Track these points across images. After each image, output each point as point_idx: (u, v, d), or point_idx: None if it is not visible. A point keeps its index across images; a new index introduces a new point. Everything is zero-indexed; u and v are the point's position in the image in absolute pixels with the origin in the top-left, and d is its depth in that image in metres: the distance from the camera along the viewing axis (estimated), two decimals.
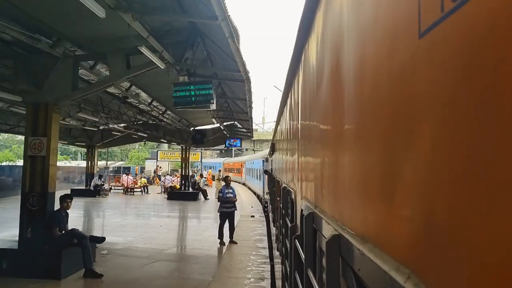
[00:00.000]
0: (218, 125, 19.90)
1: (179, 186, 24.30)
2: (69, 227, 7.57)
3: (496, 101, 0.44)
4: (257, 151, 44.76)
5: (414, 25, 0.65)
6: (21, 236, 7.38)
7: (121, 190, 26.63)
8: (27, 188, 7.44)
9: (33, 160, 7.50)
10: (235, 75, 8.69)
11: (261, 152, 30.27)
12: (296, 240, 2.36)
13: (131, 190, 26.31)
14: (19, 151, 44.83)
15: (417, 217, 0.65)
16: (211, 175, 37.07)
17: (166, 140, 22.52)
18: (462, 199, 0.51)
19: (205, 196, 22.99)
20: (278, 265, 6.73)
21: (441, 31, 0.56)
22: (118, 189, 27.41)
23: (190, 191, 23.62)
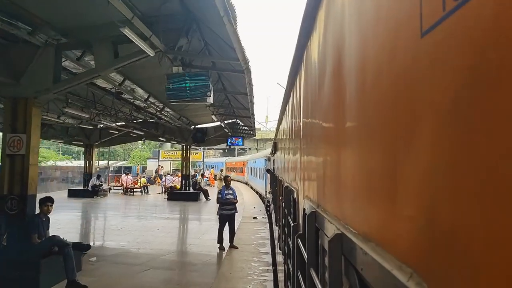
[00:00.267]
0: (219, 123, 19.24)
1: (179, 186, 23.58)
2: (57, 232, 6.89)
3: (499, 101, 0.43)
4: (260, 150, 44.33)
5: (416, 24, 0.65)
6: None
7: (121, 190, 26.01)
8: (5, 190, 6.76)
9: (11, 159, 6.84)
10: (234, 66, 7.94)
11: (263, 151, 30.24)
12: (298, 239, 2.38)
13: (131, 190, 25.65)
14: None
15: (420, 216, 0.65)
16: (213, 175, 36.57)
17: (165, 138, 21.81)
18: (464, 198, 0.51)
19: (207, 196, 22.32)
20: (281, 273, 6.37)
21: (443, 30, 0.56)
22: (118, 189, 26.77)
23: (191, 191, 22.89)
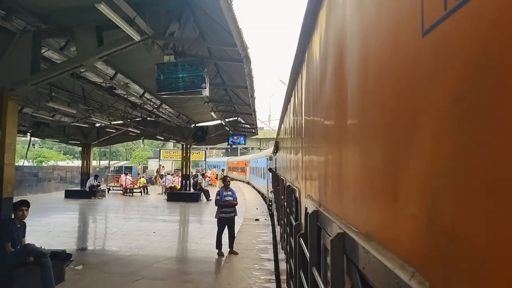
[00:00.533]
0: (220, 121, 18.51)
1: (179, 186, 22.86)
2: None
3: (500, 99, 0.43)
4: (263, 149, 43.63)
5: (417, 23, 0.65)
6: None
7: (120, 190, 25.32)
8: None
9: None
10: (231, 54, 7.21)
11: (265, 150, 29.59)
12: (300, 238, 2.37)
13: (130, 190, 24.96)
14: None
15: (421, 215, 0.65)
16: (215, 174, 35.90)
17: (164, 137, 21.09)
18: (466, 197, 0.50)
19: (207, 197, 21.58)
20: (284, 284, 5.78)
21: (445, 29, 0.56)
22: (117, 190, 26.09)
23: (191, 191, 22.16)
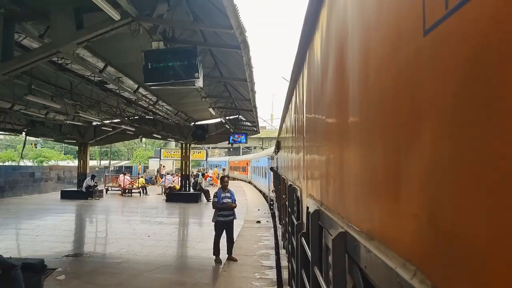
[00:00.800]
0: (220, 119, 17.78)
1: (179, 186, 22.14)
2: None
3: (500, 99, 0.43)
4: (265, 149, 42.99)
5: (418, 23, 0.64)
6: None
7: (119, 191, 24.63)
8: None
9: None
10: (228, 40, 6.47)
11: (266, 150, 29.01)
12: (302, 237, 2.36)
13: (129, 191, 24.26)
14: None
15: (423, 214, 0.65)
16: (216, 174, 35.25)
17: (161, 136, 20.38)
18: (467, 196, 0.50)
19: (207, 197, 20.82)
20: None
21: (446, 28, 0.55)
22: (115, 190, 25.39)
23: (191, 192, 21.44)
